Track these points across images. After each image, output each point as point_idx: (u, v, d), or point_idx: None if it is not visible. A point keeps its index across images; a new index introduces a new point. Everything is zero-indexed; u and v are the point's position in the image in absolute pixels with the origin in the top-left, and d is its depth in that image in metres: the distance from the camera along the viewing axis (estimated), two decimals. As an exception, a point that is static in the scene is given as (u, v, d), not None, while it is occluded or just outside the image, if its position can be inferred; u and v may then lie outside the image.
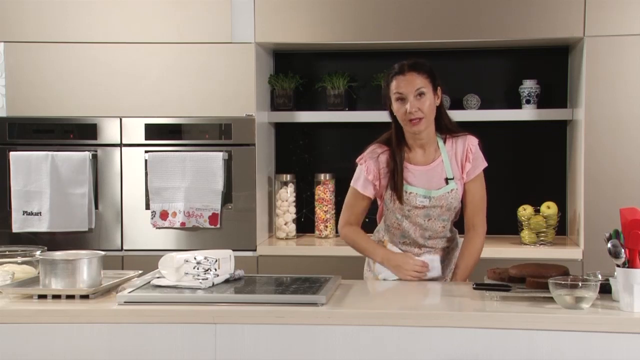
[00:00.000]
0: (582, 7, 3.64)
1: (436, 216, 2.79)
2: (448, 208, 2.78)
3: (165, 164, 3.78)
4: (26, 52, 3.85)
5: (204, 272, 2.45)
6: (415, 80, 2.72)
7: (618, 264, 2.22)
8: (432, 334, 2.23)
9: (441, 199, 2.77)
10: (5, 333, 2.32)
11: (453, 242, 2.89)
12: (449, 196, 2.76)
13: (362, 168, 2.86)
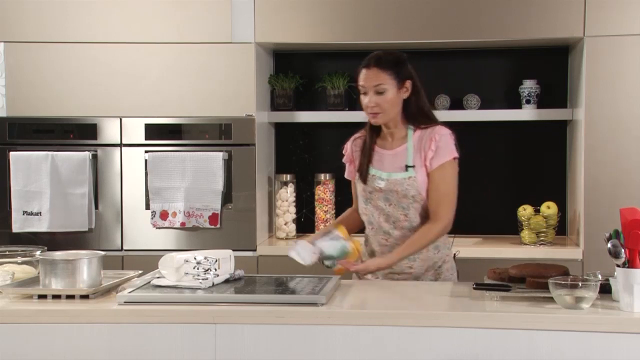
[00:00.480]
0: (582, 7, 3.64)
1: (395, 202, 2.79)
2: (404, 195, 2.77)
3: (165, 164, 3.78)
4: (26, 52, 3.85)
5: (204, 272, 2.45)
6: (377, 76, 2.74)
7: (618, 264, 2.22)
8: (432, 334, 2.23)
9: (396, 184, 2.77)
10: (5, 333, 2.32)
11: None
12: (405, 182, 2.77)
13: (345, 151, 2.99)
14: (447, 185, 2.76)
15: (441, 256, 2.84)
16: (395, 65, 2.76)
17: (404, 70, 2.78)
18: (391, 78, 2.75)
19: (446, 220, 2.76)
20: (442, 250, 2.85)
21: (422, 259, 2.81)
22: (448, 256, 2.88)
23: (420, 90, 2.82)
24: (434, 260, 2.83)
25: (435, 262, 2.83)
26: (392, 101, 2.76)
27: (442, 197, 2.76)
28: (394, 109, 2.77)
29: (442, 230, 2.77)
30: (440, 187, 2.76)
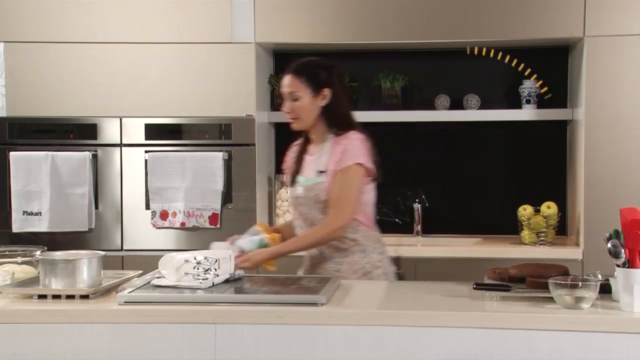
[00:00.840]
0: (582, 7, 3.65)
1: (311, 205, 2.81)
2: (316, 199, 2.79)
3: (165, 164, 3.78)
4: (26, 52, 3.85)
5: (204, 272, 2.45)
6: (291, 83, 2.78)
7: (618, 264, 2.22)
8: (432, 334, 2.23)
9: (310, 189, 2.81)
10: (5, 333, 2.32)
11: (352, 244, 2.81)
12: (316, 187, 2.79)
13: None
14: (346, 189, 2.73)
15: (370, 261, 2.82)
16: (312, 74, 2.78)
17: (321, 78, 2.78)
18: (306, 86, 2.77)
19: (337, 224, 2.73)
20: (370, 254, 2.82)
21: (348, 263, 2.80)
22: (380, 262, 2.84)
23: (341, 98, 2.81)
24: (361, 264, 2.80)
25: (363, 266, 2.80)
26: (306, 108, 2.78)
27: (338, 199, 2.74)
28: (309, 115, 2.79)
29: (330, 232, 2.73)
30: (338, 189, 2.75)
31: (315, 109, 2.79)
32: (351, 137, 2.77)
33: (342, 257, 2.80)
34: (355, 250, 2.80)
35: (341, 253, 2.80)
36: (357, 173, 2.76)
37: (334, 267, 2.79)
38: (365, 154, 2.77)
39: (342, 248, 2.80)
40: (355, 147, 2.75)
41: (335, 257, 2.80)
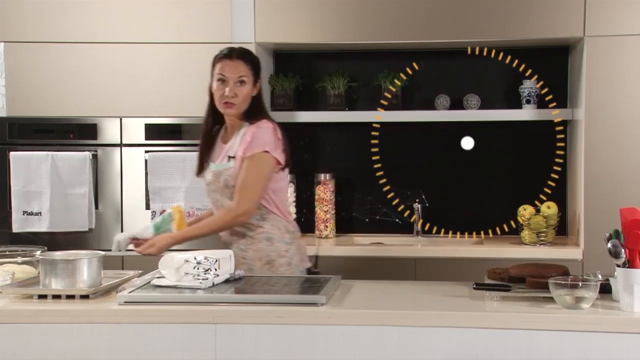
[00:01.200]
0: (582, 7, 3.64)
1: (221, 191, 2.87)
2: (225, 185, 2.85)
3: (166, 164, 3.78)
4: (26, 52, 3.84)
5: (204, 272, 2.45)
6: (241, 67, 2.87)
7: (618, 264, 2.22)
8: (432, 334, 2.23)
9: (218, 174, 2.87)
10: (5, 333, 2.32)
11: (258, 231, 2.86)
12: (225, 173, 2.86)
13: None
14: (250, 175, 2.80)
15: (275, 249, 2.87)
16: (254, 63, 2.92)
17: (259, 70, 2.93)
18: (252, 73, 2.89)
19: (239, 209, 2.79)
20: (276, 243, 2.88)
21: (253, 250, 2.86)
22: (286, 252, 2.88)
23: (262, 94, 2.96)
24: (266, 252, 2.86)
25: (268, 254, 2.86)
26: (247, 94, 2.88)
27: (242, 185, 2.81)
28: (246, 102, 2.89)
29: (233, 217, 2.80)
30: (243, 175, 2.82)
31: (249, 98, 2.90)
32: (261, 125, 2.86)
33: (248, 244, 2.87)
34: (261, 237, 2.87)
35: (247, 240, 2.87)
36: (263, 160, 2.83)
37: (241, 254, 2.86)
38: (273, 143, 2.85)
39: (249, 235, 2.86)
40: (264, 135, 2.84)
41: (242, 243, 2.87)
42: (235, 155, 2.85)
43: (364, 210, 4.19)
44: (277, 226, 2.89)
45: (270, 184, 2.87)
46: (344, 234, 4.13)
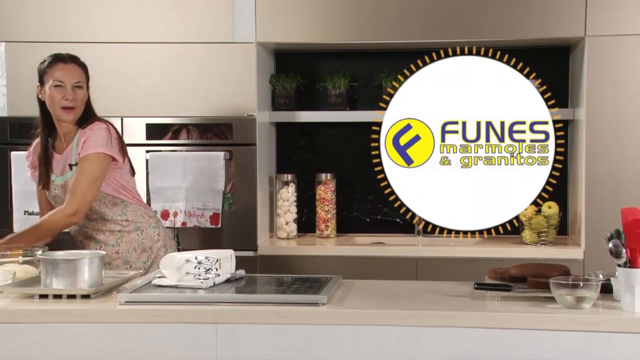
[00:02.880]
0: (584, 7, 3.64)
1: None
2: None
3: (167, 163, 3.78)
4: (27, 52, 3.84)
5: (205, 272, 2.45)
6: (76, 72, 2.90)
7: (619, 263, 2.22)
8: (433, 334, 2.23)
9: (65, 186, 2.87)
10: (6, 333, 2.32)
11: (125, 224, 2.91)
12: (69, 185, 2.86)
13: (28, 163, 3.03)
14: (81, 176, 2.81)
15: (147, 236, 2.94)
16: (85, 67, 2.97)
17: (88, 74, 2.97)
18: (85, 77, 2.93)
19: (68, 210, 2.80)
20: (146, 230, 2.95)
21: (125, 242, 2.91)
22: (158, 235, 2.96)
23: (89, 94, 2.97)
24: (139, 241, 2.92)
25: (142, 242, 2.93)
26: (84, 99, 2.91)
27: (73, 186, 2.82)
28: (83, 106, 2.91)
29: (62, 218, 2.80)
30: (75, 177, 2.84)
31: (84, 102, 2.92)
32: (94, 127, 2.89)
33: (118, 239, 2.92)
34: (131, 229, 2.93)
35: (116, 235, 2.92)
36: (94, 161, 2.84)
37: (114, 249, 2.90)
38: (106, 142, 2.85)
39: (116, 230, 2.91)
40: (97, 136, 2.86)
41: (112, 239, 2.91)
42: (76, 162, 2.87)
43: (365, 210, 4.19)
44: (141, 214, 2.97)
45: (119, 180, 2.93)
46: (345, 234, 4.13)
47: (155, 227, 3.02)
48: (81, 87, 2.89)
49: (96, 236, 2.93)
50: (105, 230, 2.92)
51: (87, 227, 2.95)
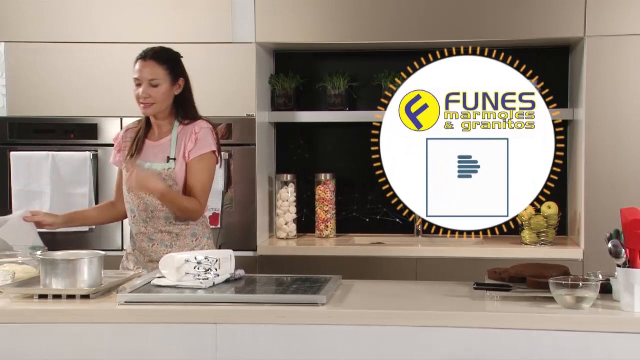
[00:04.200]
0: (583, 7, 3.64)
1: None
2: None
3: (166, 164, 3.78)
4: (27, 52, 3.85)
5: (204, 272, 2.45)
6: (153, 69, 2.89)
7: (619, 264, 2.22)
8: (433, 334, 2.23)
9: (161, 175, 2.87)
10: (6, 333, 2.32)
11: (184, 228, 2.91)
12: (163, 173, 2.87)
13: (115, 143, 3.06)
14: (203, 175, 2.88)
15: (199, 244, 2.96)
16: (171, 62, 2.94)
17: (178, 68, 2.96)
18: (166, 73, 2.91)
19: (201, 205, 2.88)
20: (201, 239, 2.96)
21: (179, 246, 2.92)
22: (207, 247, 2.98)
23: (191, 90, 2.99)
24: (191, 247, 2.93)
25: (193, 249, 2.93)
26: (164, 95, 2.90)
27: (201, 187, 2.88)
28: (165, 102, 2.91)
29: (195, 206, 2.87)
30: (196, 176, 2.87)
31: (171, 97, 2.93)
32: (201, 125, 2.92)
33: (173, 241, 2.91)
34: (187, 234, 2.93)
35: (172, 237, 2.91)
36: (212, 162, 2.92)
37: (165, 250, 2.89)
38: (215, 143, 2.92)
39: (174, 232, 2.91)
40: (207, 135, 2.90)
41: (166, 240, 2.91)
42: (175, 157, 2.88)
43: (365, 211, 4.20)
44: (201, 222, 2.97)
45: None
46: (344, 234, 4.13)
47: (209, 238, 2.99)
48: (157, 85, 2.88)
49: (152, 234, 2.90)
50: (164, 230, 2.89)
51: (148, 223, 2.91)
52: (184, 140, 2.90)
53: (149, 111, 2.92)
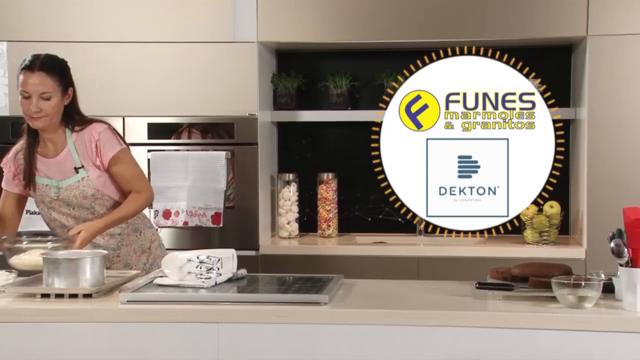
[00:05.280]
0: (585, 6, 3.64)
1: (77, 205, 2.85)
2: (84, 196, 2.84)
3: (168, 163, 3.78)
4: (29, 51, 3.81)
5: (206, 271, 2.45)
6: (43, 82, 2.77)
7: (621, 263, 2.22)
8: (435, 333, 2.23)
9: (72, 189, 2.84)
10: (8, 332, 2.32)
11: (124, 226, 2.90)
12: (81, 185, 2.84)
13: (4, 168, 2.95)
14: (129, 169, 2.88)
15: (146, 236, 2.96)
16: (60, 72, 2.83)
17: (67, 77, 2.84)
18: (58, 84, 2.80)
19: (148, 192, 2.90)
20: (143, 231, 2.97)
21: (125, 245, 2.91)
22: (154, 235, 3.00)
23: (77, 96, 2.90)
24: (139, 243, 2.93)
25: (141, 244, 2.94)
26: (55, 107, 2.80)
27: (133, 179, 2.87)
28: (56, 115, 2.82)
29: (147, 198, 2.89)
30: (125, 175, 2.86)
31: (62, 108, 2.84)
32: (97, 129, 2.85)
33: (119, 242, 2.91)
34: (130, 231, 2.93)
35: (116, 238, 2.91)
36: (127, 154, 2.90)
37: (115, 253, 2.89)
38: (117, 140, 2.87)
39: (117, 233, 2.90)
40: (108, 138, 2.85)
41: (112, 243, 2.89)
42: (82, 165, 2.83)
43: (367, 210, 4.19)
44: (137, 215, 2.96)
45: None
46: (346, 233, 4.13)
47: (150, 227, 3.03)
48: (48, 98, 2.77)
49: (96, 241, 2.87)
50: (106, 234, 2.88)
51: None
52: (82, 147, 2.83)
53: (39, 123, 2.79)
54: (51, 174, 2.86)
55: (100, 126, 2.86)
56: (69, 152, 2.85)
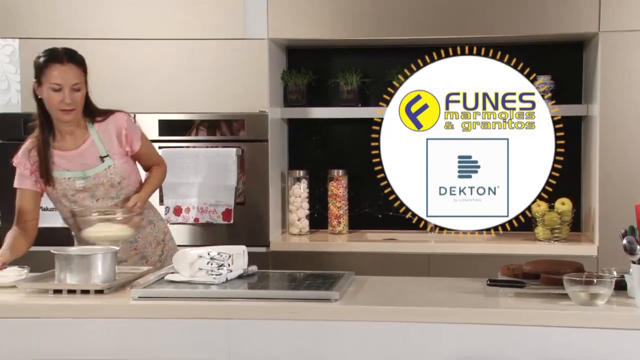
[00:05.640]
0: (597, 2, 3.62)
1: (102, 195, 2.87)
2: (111, 184, 2.87)
3: (179, 160, 3.79)
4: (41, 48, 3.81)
5: (217, 267, 2.46)
6: (74, 73, 2.80)
7: (633, 260, 2.21)
8: (446, 331, 2.23)
9: (99, 177, 2.86)
10: (20, 328, 2.33)
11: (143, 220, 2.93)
12: (108, 172, 2.87)
13: (19, 166, 2.91)
14: (150, 146, 3.04)
15: (159, 228, 3.00)
16: (84, 64, 2.87)
17: (86, 69, 2.88)
18: (83, 75, 2.84)
19: (164, 162, 3.06)
20: (157, 223, 3.02)
21: (142, 237, 2.93)
22: (165, 227, 3.06)
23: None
24: (154, 235, 2.97)
25: (156, 236, 2.98)
26: (83, 99, 2.84)
27: (153, 154, 3.04)
28: (82, 106, 2.85)
29: (166, 168, 3.05)
30: (148, 152, 3.00)
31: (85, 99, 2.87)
32: (122, 118, 2.92)
33: (138, 234, 2.91)
34: (145, 223, 2.94)
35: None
36: (144, 134, 3.02)
37: (132, 247, 2.91)
38: (140, 129, 2.99)
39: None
40: (132, 124, 2.96)
41: None
42: (107, 154, 2.87)
43: (377, 207, 4.19)
44: (150, 207, 3.02)
45: (139, 173, 2.99)
46: (357, 230, 4.13)
47: (161, 220, 3.08)
48: (79, 89, 2.80)
49: None
50: None
51: None
52: (107, 136, 2.86)
53: (69, 117, 2.80)
54: (72, 166, 2.86)
55: (123, 115, 2.94)
56: (92, 143, 2.87)
